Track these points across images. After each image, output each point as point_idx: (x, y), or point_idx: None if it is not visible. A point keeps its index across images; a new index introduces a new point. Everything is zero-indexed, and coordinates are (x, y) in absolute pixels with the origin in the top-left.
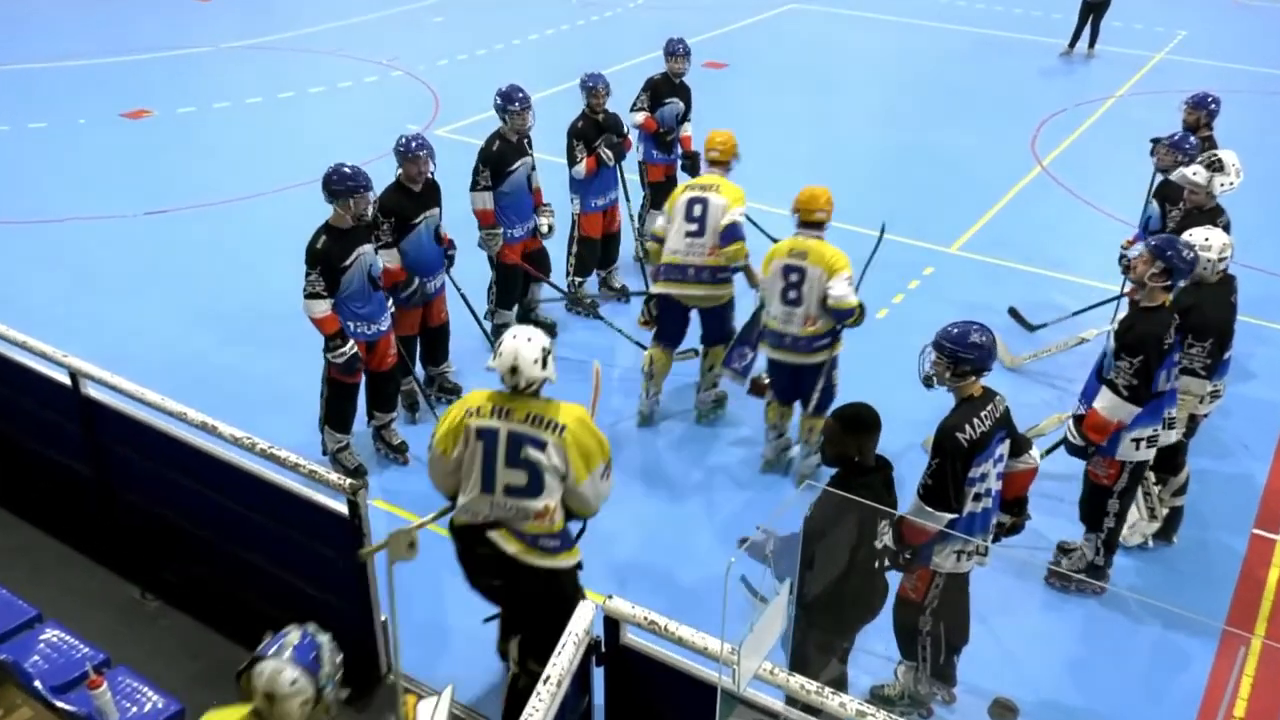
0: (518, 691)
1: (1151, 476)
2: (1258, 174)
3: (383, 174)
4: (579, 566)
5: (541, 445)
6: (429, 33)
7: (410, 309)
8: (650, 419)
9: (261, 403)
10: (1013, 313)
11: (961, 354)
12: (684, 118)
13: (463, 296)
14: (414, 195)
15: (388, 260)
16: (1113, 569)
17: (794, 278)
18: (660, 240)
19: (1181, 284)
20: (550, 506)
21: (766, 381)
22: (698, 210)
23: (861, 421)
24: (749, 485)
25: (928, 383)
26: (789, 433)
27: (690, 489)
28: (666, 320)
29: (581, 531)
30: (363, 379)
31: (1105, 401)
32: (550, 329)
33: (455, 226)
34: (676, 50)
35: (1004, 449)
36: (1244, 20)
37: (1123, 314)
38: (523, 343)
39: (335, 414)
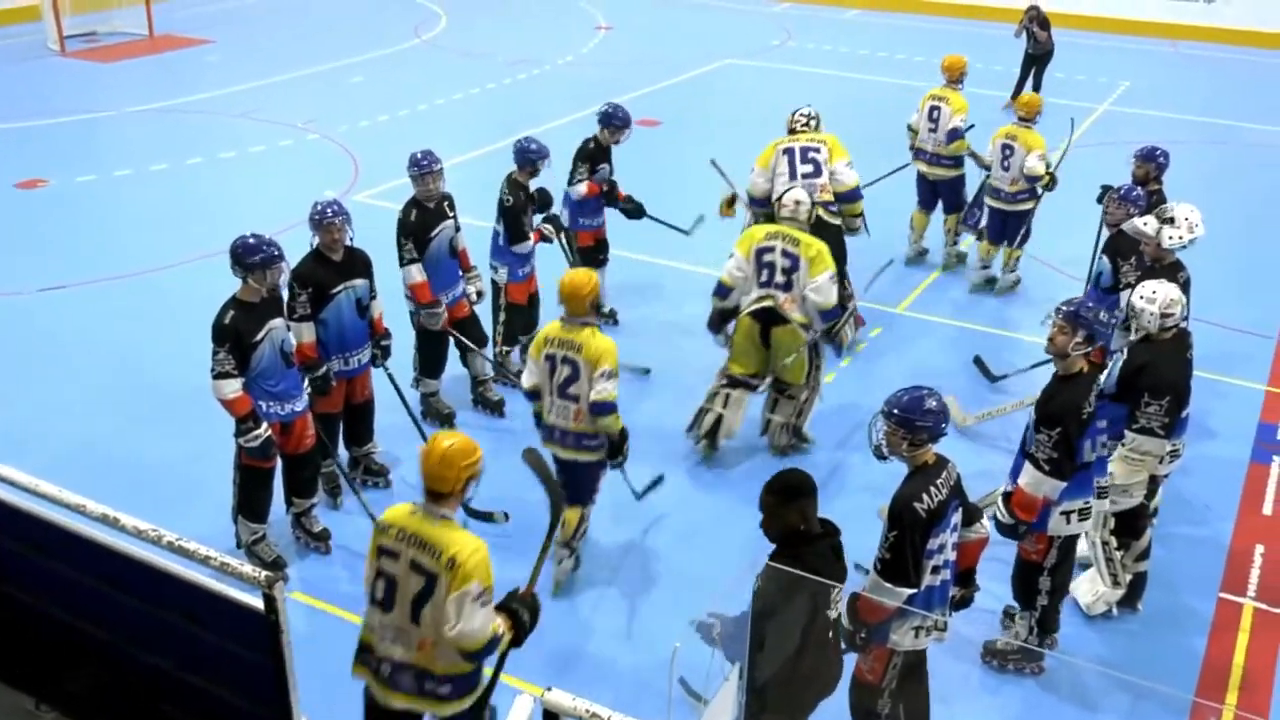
0: None
1: (1114, 542)
2: (1209, 226)
3: (300, 243)
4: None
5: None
6: (347, 93)
7: (320, 394)
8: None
9: (169, 492)
10: (977, 361)
11: (917, 422)
12: (610, 174)
13: (388, 374)
14: (333, 264)
15: (305, 334)
16: (1077, 639)
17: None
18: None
19: (1121, 339)
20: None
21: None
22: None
23: (797, 488)
24: (698, 563)
25: (879, 454)
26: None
27: (632, 565)
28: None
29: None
30: (279, 463)
31: (1028, 477)
32: (448, 419)
33: (382, 296)
34: (613, 121)
35: (958, 518)
36: (1186, 69)
37: None
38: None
39: (249, 502)
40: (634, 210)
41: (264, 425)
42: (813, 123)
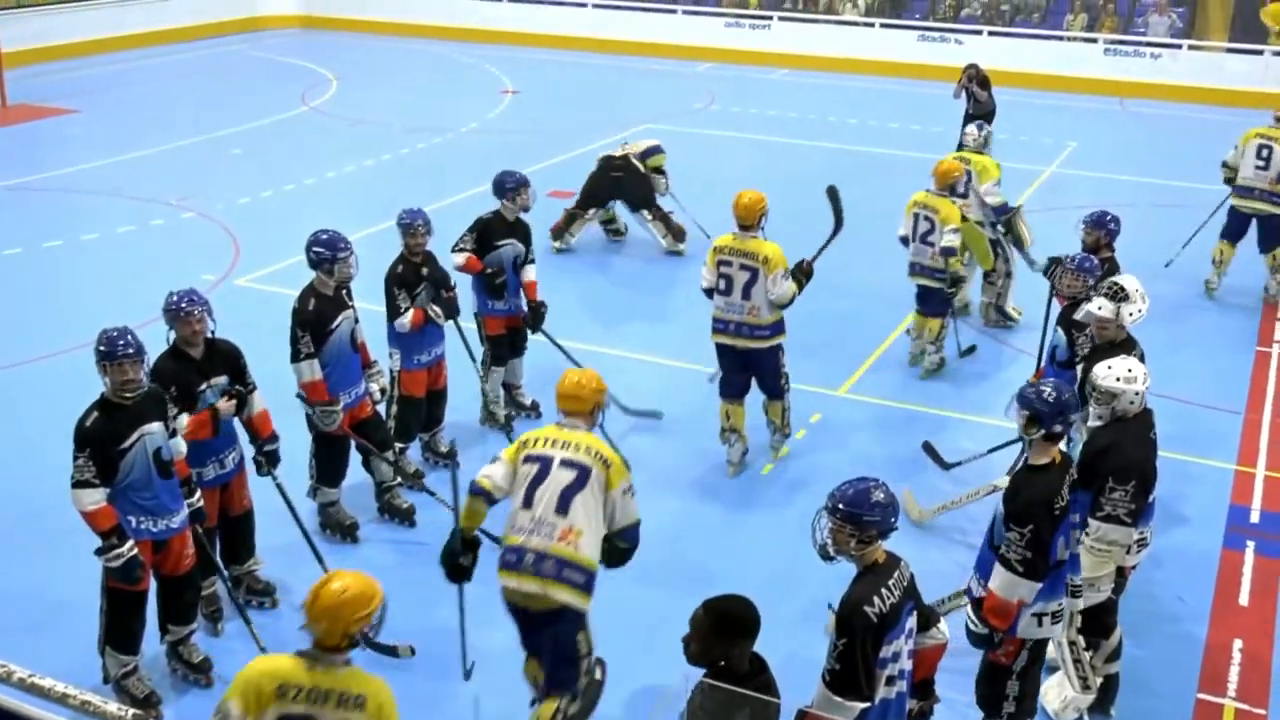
0: None
1: (1081, 641)
2: (1163, 293)
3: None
4: None
5: None
6: (227, 166)
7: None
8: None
9: (22, 621)
10: (927, 448)
11: (865, 517)
12: (525, 260)
13: (276, 483)
14: (192, 361)
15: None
16: None
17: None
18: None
19: (1084, 427)
20: None
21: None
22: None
23: (739, 624)
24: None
25: (824, 554)
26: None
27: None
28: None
29: None
30: (152, 586)
31: (1000, 580)
32: (350, 530)
33: (269, 395)
34: (505, 183)
35: (913, 622)
36: (1132, 128)
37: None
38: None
39: (118, 631)
40: (534, 319)
41: (129, 544)
42: None
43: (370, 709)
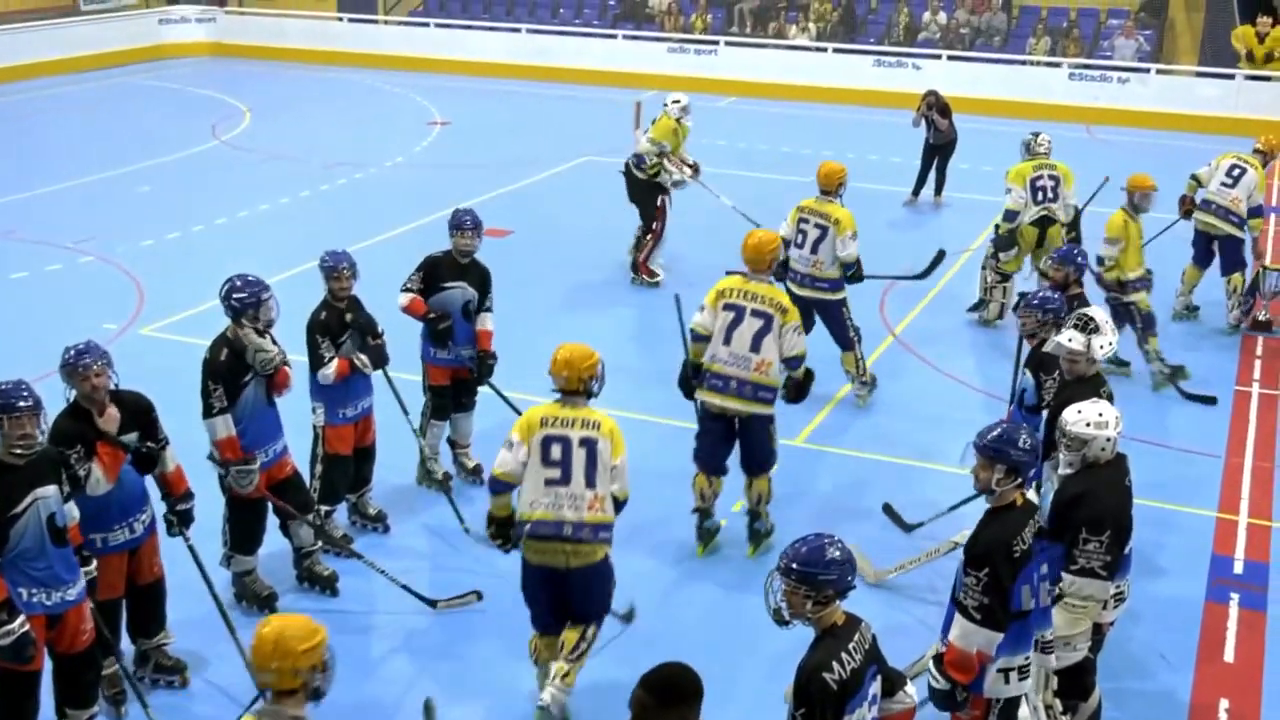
0: None
1: (1058, 705)
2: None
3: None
4: None
5: None
6: (131, 206)
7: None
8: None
9: None
10: (887, 510)
11: (820, 576)
12: (479, 307)
13: (188, 546)
14: (93, 418)
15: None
16: None
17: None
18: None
19: (1059, 471)
20: None
21: None
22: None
23: (678, 690)
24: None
25: (779, 618)
26: None
27: None
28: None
29: None
30: (46, 665)
31: (957, 629)
32: (268, 601)
33: (180, 455)
34: (463, 223)
35: (877, 688)
36: (1100, 154)
37: None
38: None
39: (9, 716)
40: (480, 371)
41: (20, 619)
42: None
43: None
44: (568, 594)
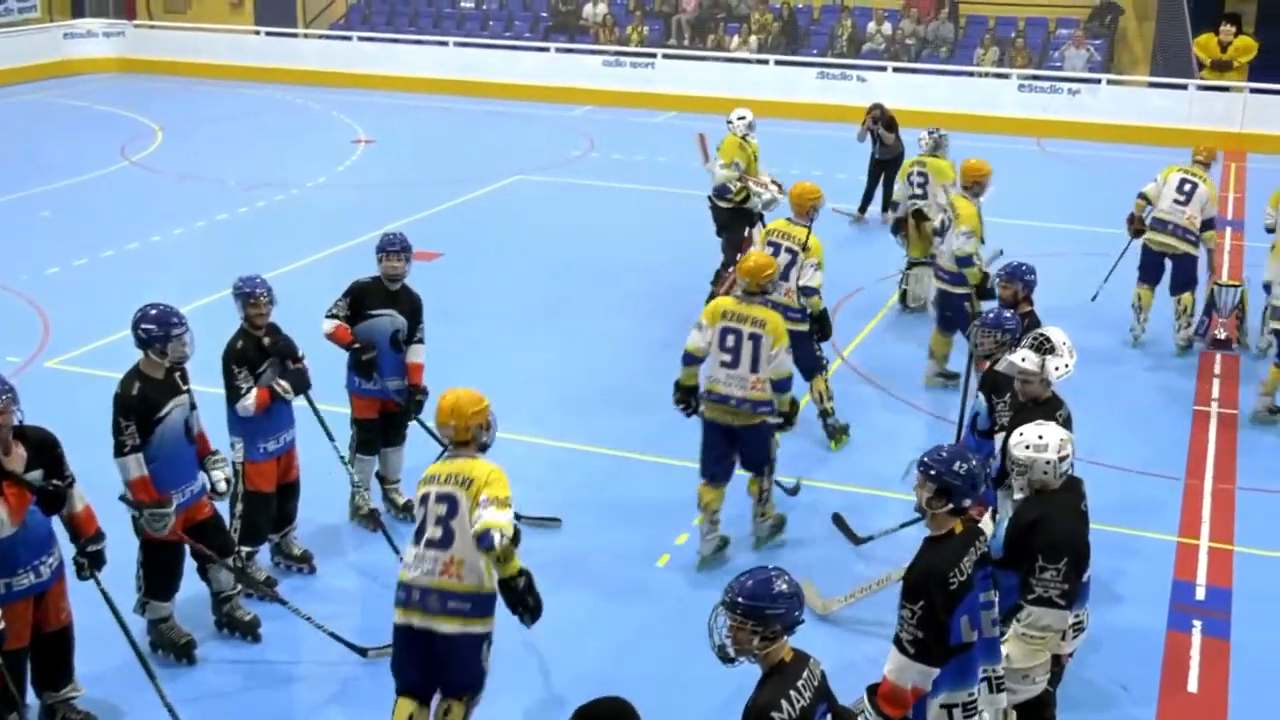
0: None
1: None
2: (1091, 346)
3: None
4: None
5: None
6: (32, 232)
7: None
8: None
9: None
10: (838, 520)
11: (767, 610)
12: (409, 337)
13: (101, 590)
14: None
15: None
16: None
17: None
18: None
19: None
20: None
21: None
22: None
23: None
24: None
25: (724, 655)
26: None
27: None
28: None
29: None
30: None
31: (892, 663)
32: (186, 649)
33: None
34: (391, 246)
35: None
36: (1055, 170)
37: None
38: None
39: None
40: (410, 409)
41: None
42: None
43: None
44: (738, 445)
